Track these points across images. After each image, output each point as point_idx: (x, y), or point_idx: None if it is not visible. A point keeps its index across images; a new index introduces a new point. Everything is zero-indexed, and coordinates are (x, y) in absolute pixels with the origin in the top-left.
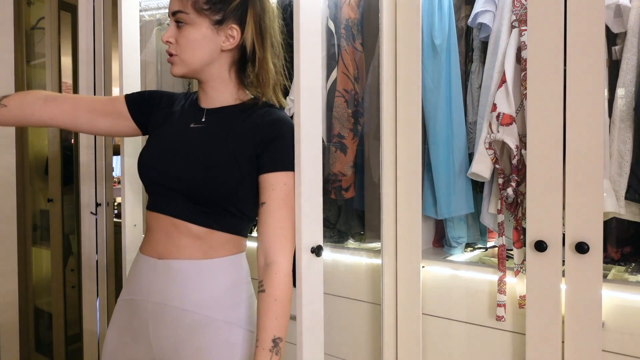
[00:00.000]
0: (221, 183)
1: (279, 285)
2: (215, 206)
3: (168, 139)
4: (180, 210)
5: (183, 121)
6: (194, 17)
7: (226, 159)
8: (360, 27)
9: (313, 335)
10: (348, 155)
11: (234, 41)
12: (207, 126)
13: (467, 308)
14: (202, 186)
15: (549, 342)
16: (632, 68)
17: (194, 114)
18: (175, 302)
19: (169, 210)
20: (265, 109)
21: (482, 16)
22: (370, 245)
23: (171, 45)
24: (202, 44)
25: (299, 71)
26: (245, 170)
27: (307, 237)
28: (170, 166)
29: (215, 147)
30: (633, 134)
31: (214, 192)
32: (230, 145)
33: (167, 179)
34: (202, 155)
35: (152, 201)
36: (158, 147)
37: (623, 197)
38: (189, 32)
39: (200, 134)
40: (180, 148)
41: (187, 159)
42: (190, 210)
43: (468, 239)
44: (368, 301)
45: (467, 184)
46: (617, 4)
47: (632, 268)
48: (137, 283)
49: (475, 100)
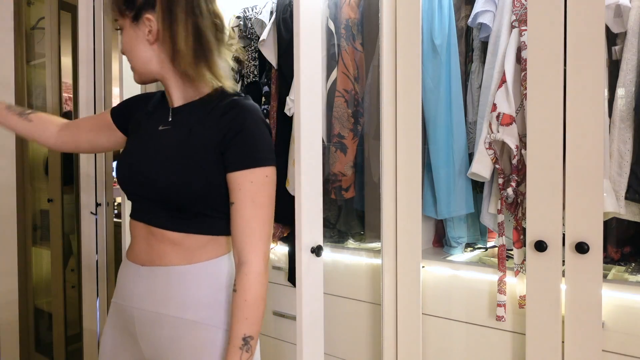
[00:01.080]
0: (188, 187)
1: (249, 287)
2: (187, 210)
3: (139, 145)
4: (155, 217)
5: (152, 124)
6: (122, 22)
7: (190, 161)
8: (360, 27)
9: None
10: (348, 155)
11: (152, 34)
12: (172, 127)
13: (467, 308)
14: (171, 192)
15: (549, 342)
16: (632, 68)
17: (162, 115)
18: (157, 308)
19: (145, 218)
20: (229, 99)
21: (482, 16)
22: (370, 245)
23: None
24: (135, 45)
25: (299, 71)
26: (211, 170)
27: (307, 237)
28: (141, 174)
29: (179, 150)
30: (633, 134)
31: (183, 196)
32: (193, 147)
33: (139, 187)
34: (168, 160)
35: (132, 209)
36: (131, 154)
37: (623, 197)
38: (124, 38)
39: (167, 137)
40: (149, 154)
41: (155, 165)
42: (164, 216)
43: (468, 239)
44: (368, 301)
45: (467, 184)
46: (617, 4)
47: (632, 268)
48: (123, 288)
49: (475, 100)
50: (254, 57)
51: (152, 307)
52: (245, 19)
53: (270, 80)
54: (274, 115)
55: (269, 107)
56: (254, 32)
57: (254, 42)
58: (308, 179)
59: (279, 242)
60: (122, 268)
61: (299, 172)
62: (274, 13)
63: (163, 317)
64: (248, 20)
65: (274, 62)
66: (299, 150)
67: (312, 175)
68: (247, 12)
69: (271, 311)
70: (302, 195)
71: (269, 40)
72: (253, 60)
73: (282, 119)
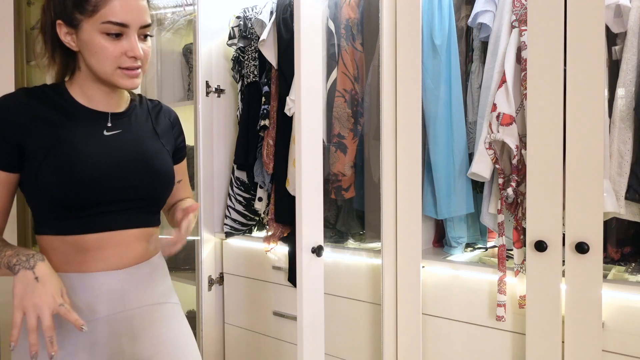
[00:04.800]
0: (170, 183)
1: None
2: (161, 205)
3: (87, 154)
4: (134, 219)
5: (86, 130)
6: (151, 29)
7: (169, 159)
8: (360, 27)
9: (314, 336)
10: (348, 155)
11: None
12: (124, 131)
13: (467, 308)
14: (164, 190)
15: (549, 342)
16: (632, 68)
17: (95, 120)
18: (152, 300)
19: (119, 224)
20: (148, 101)
21: (482, 16)
22: (370, 245)
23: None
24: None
25: (300, 71)
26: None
27: (308, 237)
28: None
29: (158, 152)
30: (633, 134)
31: (170, 191)
32: (165, 147)
33: (120, 193)
34: (153, 162)
35: (91, 222)
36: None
37: (623, 197)
38: (150, 42)
39: (126, 142)
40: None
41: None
42: (144, 216)
43: (468, 239)
44: (368, 301)
45: (467, 184)
46: (617, 4)
47: (632, 268)
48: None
49: (475, 100)
50: (254, 57)
51: (147, 301)
52: (245, 19)
53: (270, 80)
54: (274, 115)
55: (269, 107)
56: (254, 32)
57: (254, 42)
58: (308, 179)
59: (279, 242)
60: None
61: (299, 172)
62: (274, 13)
63: (158, 306)
64: (248, 20)
65: (274, 62)
66: (299, 150)
67: (312, 175)
68: (247, 12)
69: (271, 311)
70: (302, 195)
71: (269, 40)
72: (253, 60)
73: (282, 119)
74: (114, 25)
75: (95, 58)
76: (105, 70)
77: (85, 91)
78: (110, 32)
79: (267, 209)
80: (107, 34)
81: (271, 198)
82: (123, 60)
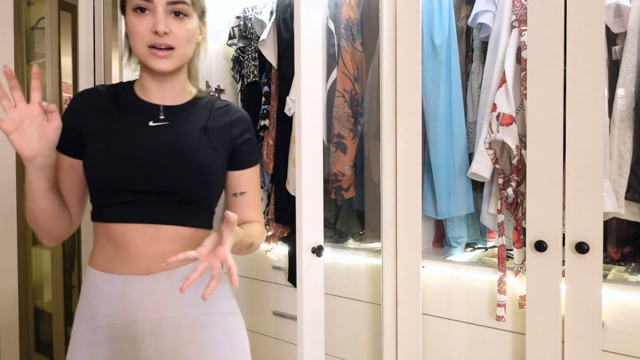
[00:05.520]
0: (212, 181)
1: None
2: (203, 204)
3: (126, 142)
4: (169, 214)
5: (134, 120)
6: (191, 9)
7: (212, 157)
8: (360, 27)
9: (314, 336)
10: (348, 155)
11: (202, 35)
12: (173, 124)
13: (467, 308)
14: (197, 186)
15: (549, 342)
16: (632, 68)
17: (146, 111)
18: (175, 312)
19: (153, 217)
20: (219, 102)
21: (482, 16)
22: (370, 245)
23: (168, 37)
24: (191, 37)
25: (300, 71)
26: (224, 167)
27: (308, 237)
28: (153, 170)
29: (199, 146)
30: (633, 134)
31: (207, 190)
32: (213, 143)
33: (151, 183)
34: (189, 155)
35: (122, 211)
36: (119, 151)
37: (623, 197)
38: (190, 24)
39: (169, 133)
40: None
41: (171, 160)
42: (179, 212)
43: (468, 239)
44: (368, 301)
45: (467, 184)
46: (617, 4)
47: (632, 268)
48: (118, 306)
49: (475, 100)
50: (254, 57)
51: (168, 312)
52: (245, 19)
53: (270, 80)
54: (274, 115)
55: (269, 107)
56: (254, 32)
57: (254, 42)
58: (308, 179)
59: (279, 242)
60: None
61: (299, 172)
62: (274, 13)
63: (181, 317)
64: (248, 20)
65: (274, 62)
66: (299, 150)
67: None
68: (247, 12)
69: (271, 311)
70: (302, 195)
71: (269, 40)
72: (253, 60)
73: (282, 119)
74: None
75: (131, 38)
76: (138, 50)
77: (143, 84)
78: (136, 7)
79: (267, 209)
80: (134, 10)
81: (271, 198)
82: (150, 37)
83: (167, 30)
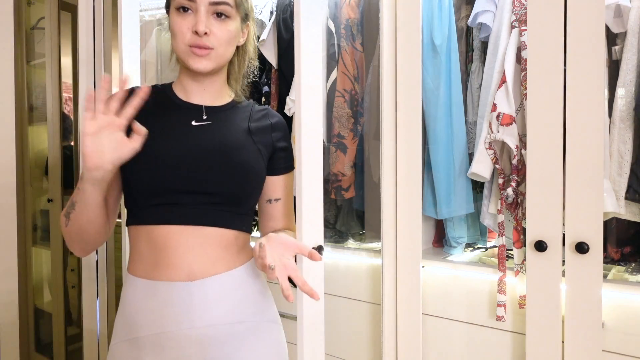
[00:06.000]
0: (256, 182)
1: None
2: (246, 206)
3: (169, 141)
4: (213, 216)
5: (176, 119)
6: (233, 11)
7: (257, 158)
8: (360, 27)
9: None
10: (348, 155)
11: (244, 38)
12: (214, 124)
13: (467, 308)
14: (242, 187)
15: (549, 342)
16: (632, 68)
17: (188, 111)
18: (226, 320)
19: (196, 219)
20: (257, 106)
21: (482, 16)
22: (370, 245)
23: (207, 38)
24: (232, 39)
25: (300, 71)
26: (265, 169)
27: (308, 237)
28: (197, 169)
29: (244, 147)
30: (633, 134)
31: (252, 192)
32: (257, 145)
33: (195, 184)
34: (235, 156)
35: (164, 213)
36: (161, 150)
37: (623, 197)
38: (231, 26)
39: (213, 133)
40: (196, 148)
41: (216, 160)
42: (223, 214)
43: (468, 239)
44: (368, 301)
45: (467, 184)
46: (617, 4)
47: (632, 268)
48: (161, 314)
49: (475, 100)
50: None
51: (219, 320)
52: None
53: (270, 80)
54: None
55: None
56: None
57: None
58: (308, 179)
59: None
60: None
61: (299, 172)
62: (274, 13)
63: (232, 325)
64: None
65: (274, 62)
66: (299, 150)
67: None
68: None
69: None
70: (302, 195)
71: (269, 40)
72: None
73: None
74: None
75: (173, 37)
76: (179, 49)
77: (184, 85)
78: (179, 6)
79: None
80: (177, 9)
81: None
82: (191, 37)
83: (207, 31)
